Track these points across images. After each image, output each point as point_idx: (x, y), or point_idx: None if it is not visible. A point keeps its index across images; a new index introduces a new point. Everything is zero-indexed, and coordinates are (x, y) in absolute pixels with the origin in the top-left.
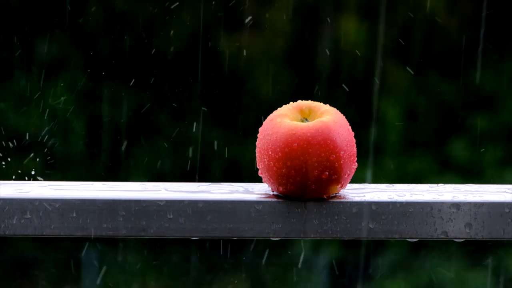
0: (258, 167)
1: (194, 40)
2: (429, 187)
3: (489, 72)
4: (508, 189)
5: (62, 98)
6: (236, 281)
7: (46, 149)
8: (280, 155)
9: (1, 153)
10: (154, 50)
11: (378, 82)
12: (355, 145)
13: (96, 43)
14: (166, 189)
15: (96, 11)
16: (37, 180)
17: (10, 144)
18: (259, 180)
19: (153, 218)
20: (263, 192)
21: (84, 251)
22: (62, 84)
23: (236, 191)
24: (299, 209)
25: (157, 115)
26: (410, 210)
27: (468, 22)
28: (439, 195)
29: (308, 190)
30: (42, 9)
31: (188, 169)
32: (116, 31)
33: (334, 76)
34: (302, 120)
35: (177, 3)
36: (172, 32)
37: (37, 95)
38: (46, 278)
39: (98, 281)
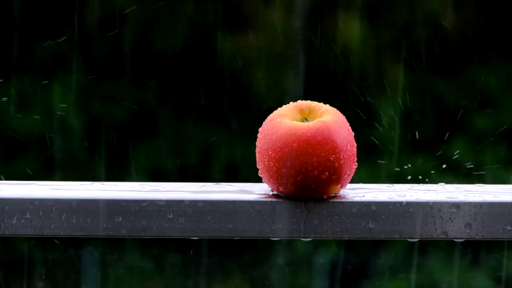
0: (258, 167)
1: (194, 39)
2: (429, 187)
3: (489, 72)
4: (508, 189)
5: (61, 97)
6: (236, 281)
7: (46, 149)
8: (280, 155)
9: (1, 153)
10: (153, 49)
11: (378, 82)
12: (355, 145)
13: (96, 42)
14: (166, 189)
15: (95, 10)
16: (37, 180)
17: (10, 144)
18: (259, 180)
19: (153, 218)
20: (263, 192)
21: (84, 251)
22: (61, 84)
23: (236, 191)
24: (299, 209)
25: (157, 115)
26: (410, 210)
27: (468, 22)
28: (439, 195)
29: (308, 190)
30: (43, 9)
31: (188, 169)
32: (115, 30)
33: (334, 76)
34: (302, 120)
35: (178, 2)
36: (172, 31)
37: (36, 95)
38: (46, 278)
39: (98, 281)
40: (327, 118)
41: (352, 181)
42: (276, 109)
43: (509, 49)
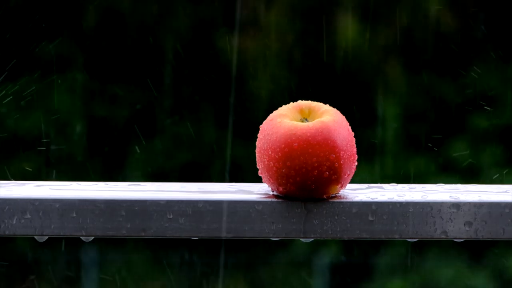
0: (258, 167)
1: (195, 40)
2: (429, 187)
3: (489, 72)
4: (508, 189)
5: (62, 97)
6: (236, 281)
7: (46, 149)
8: (280, 155)
9: (1, 153)
10: (154, 50)
11: (378, 82)
12: (355, 145)
13: (96, 43)
14: (166, 189)
15: (95, 11)
16: (37, 180)
17: (10, 144)
18: (259, 180)
19: (153, 218)
20: (263, 192)
21: (84, 251)
22: (62, 84)
23: (236, 191)
24: (299, 209)
25: (157, 115)
26: (410, 210)
27: (468, 22)
28: (439, 195)
29: (308, 190)
30: (43, 10)
31: (188, 169)
32: (116, 30)
33: (334, 76)
34: (302, 120)
35: (178, 3)
36: (172, 32)
37: (37, 95)
38: (46, 278)
39: (98, 281)
40: (327, 118)
41: (352, 181)
42: (276, 109)
43: (509, 50)
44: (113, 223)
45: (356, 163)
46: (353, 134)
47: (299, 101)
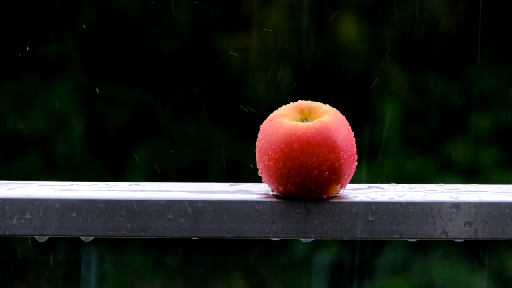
0: (258, 167)
1: (194, 39)
2: (429, 187)
3: (489, 72)
4: (508, 189)
5: (62, 97)
6: (236, 281)
7: (46, 149)
8: (280, 155)
9: (1, 153)
10: (154, 49)
11: (377, 82)
12: (355, 145)
13: (96, 42)
14: (166, 189)
15: (95, 10)
16: (37, 180)
17: (10, 144)
18: (259, 180)
19: (153, 218)
20: (263, 192)
21: (84, 251)
22: (62, 84)
23: (236, 191)
24: (299, 209)
25: (157, 115)
26: (410, 210)
27: (468, 22)
28: (439, 195)
29: (308, 190)
30: (42, 9)
31: (188, 169)
32: (115, 30)
33: (334, 76)
34: (302, 120)
35: (178, 2)
36: (172, 31)
37: (36, 95)
38: (46, 278)
39: (98, 282)
40: (327, 118)
41: (352, 181)
42: (276, 109)
43: (509, 49)
44: (113, 223)
45: (356, 163)
46: (353, 134)
47: (299, 101)
